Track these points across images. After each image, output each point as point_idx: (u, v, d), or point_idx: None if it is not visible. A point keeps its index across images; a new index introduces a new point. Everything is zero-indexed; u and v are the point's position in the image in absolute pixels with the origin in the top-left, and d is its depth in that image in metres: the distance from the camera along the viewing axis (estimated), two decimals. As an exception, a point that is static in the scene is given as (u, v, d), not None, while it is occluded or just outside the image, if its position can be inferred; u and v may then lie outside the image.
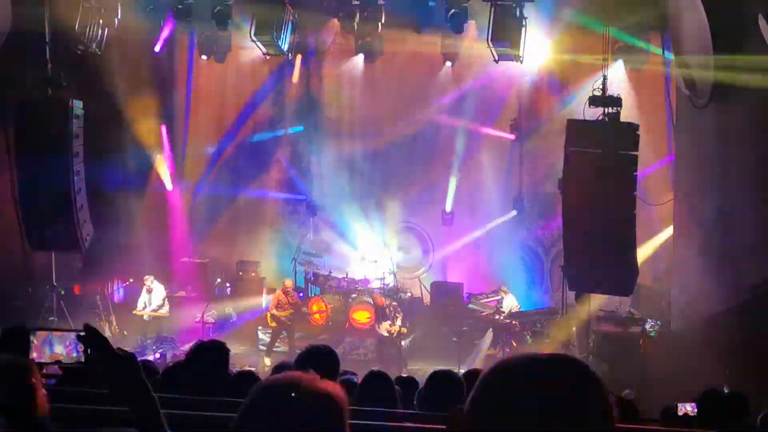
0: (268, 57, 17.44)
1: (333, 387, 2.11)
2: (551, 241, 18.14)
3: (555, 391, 1.65)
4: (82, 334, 2.56)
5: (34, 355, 2.78)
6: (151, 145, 18.73)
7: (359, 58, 18.40)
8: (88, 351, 2.55)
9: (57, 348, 2.74)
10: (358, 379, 6.03)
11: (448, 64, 18.13)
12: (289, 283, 16.91)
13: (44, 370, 2.87)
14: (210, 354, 5.23)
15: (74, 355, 2.68)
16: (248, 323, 17.70)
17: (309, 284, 18.60)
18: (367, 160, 19.43)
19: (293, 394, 2.04)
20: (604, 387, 1.73)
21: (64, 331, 2.74)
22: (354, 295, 17.47)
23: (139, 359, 2.57)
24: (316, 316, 17.29)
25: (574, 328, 15.51)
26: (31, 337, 2.77)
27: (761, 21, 10.16)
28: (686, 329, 13.71)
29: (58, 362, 2.76)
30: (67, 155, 14.49)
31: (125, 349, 2.58)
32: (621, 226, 12.96)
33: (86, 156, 14.98)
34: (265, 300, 17.69)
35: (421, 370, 14.30)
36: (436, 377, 5.55)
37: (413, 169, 19.20)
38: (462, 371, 7.79)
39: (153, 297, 16.55)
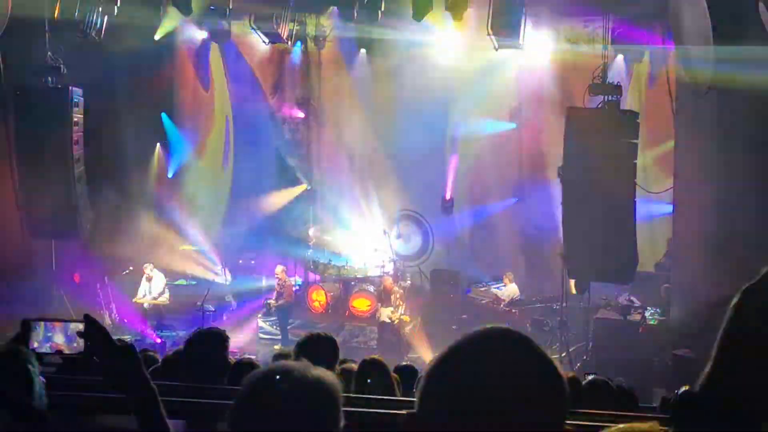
0: (267, 45, 17.42)
1: (326, 375, 2.12)
2: (551, 228, 18.13)
3: (503, 381, 1.61)
4: (82, 326, 2.57)
5: (34, 345, 2.78)
6: (152, 132, 18.73)
7: (358, 46, 18.35)
8: (89, 341, 2.56)
9: (57, 338, 2.75)
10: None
11: (448, 51, 18.09)
12: (278, 268, 16.96)
13: (44, 360, 2.87)
14: (208, 341, 5.24)
15: (74, 345, 2.69)
16: (248, 311, 17.75)
17: (309, 272, 18.62)
18: (367, 148, 19.43)
19: (286, 384, 2.05)
20: (552, 361, 1.69)
21: (64, 321, 2.74)
22: (353, 283, 17.50)
23: (138, 348, 2.59)
24: (316, 304, 17.33)
25: (574, 316, 15.55)
26: (32, 327, 2.77)
27: (762, 9, 10.12)
28: (686, 316, 13.72)
29: (58, 352, 2.76)
30: (66, 143, 14.49)
31: (125, 338, 2.59)
32: (621, 214, 12.97)
33: (86, 144, 14.98)
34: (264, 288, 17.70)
35: (420, 358, 14.35)
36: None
37: (413, 157, 19.19)
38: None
39: (153, 285, 16.58)
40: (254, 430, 2.03)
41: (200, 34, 17.97)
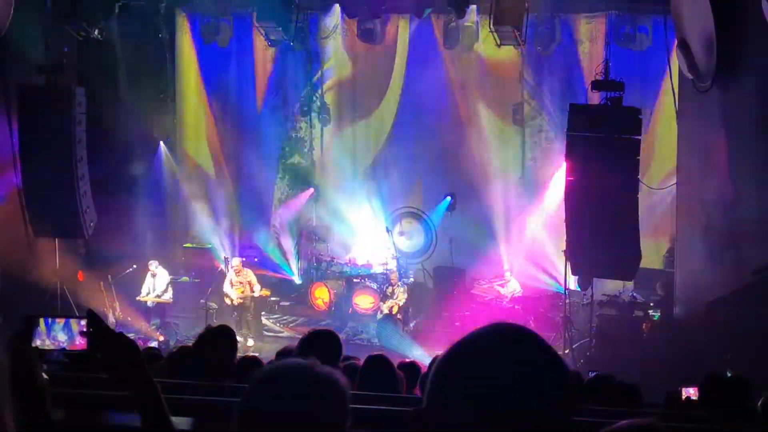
0: (270, 43, 17.43)
1: (334, 372, 2.12)
2: (555, 225, 18.10)
3: (513, 377, 1.61)
4: (85, 322, 2.57)
5: (37, 342, 2.78)
6: (154, 130, 18.73)
7: (361, 43, 18.33)
8: (92, 338, 2.56)
9: (60, 335, 2.75)
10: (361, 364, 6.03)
11: (450, 48, 18.08)
12: (236, 261, 16.93)
13: (47, 357, 2.87)
14: (219, 339, 5.26)
15: (77, 341, 2.69)
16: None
17: (312, 269, 18.63)
18: (370, 146, 19.43)
19: (295, 380, 2.05)
20: (561, 358, 1.70)
21: (67, 318, 2.74)
22: (357, 281, 17.50)
23: (142, 345, 2.59)
24: (319, 301, 17.32)
25: (577, 312, 15.55)
26: (34, 323, 2.78)
27: (764, 3, 10.12)
28: (689, 313, 13.72)
29: (61, 349, 2.76)
30: (69, 141, 14.52)
31: (128, 335, 2.59)
32: (623, 211, 12.96)
33: (89, 142, 15.01)
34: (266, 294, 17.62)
35: (424, 355, 14.34)
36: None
37: (415, 154, 19.17)
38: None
39: (157, 282, 16.58)
40: (262, 427, 2.04)
41: (203, 31, 17.92)
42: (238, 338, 15.47)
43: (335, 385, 2.09)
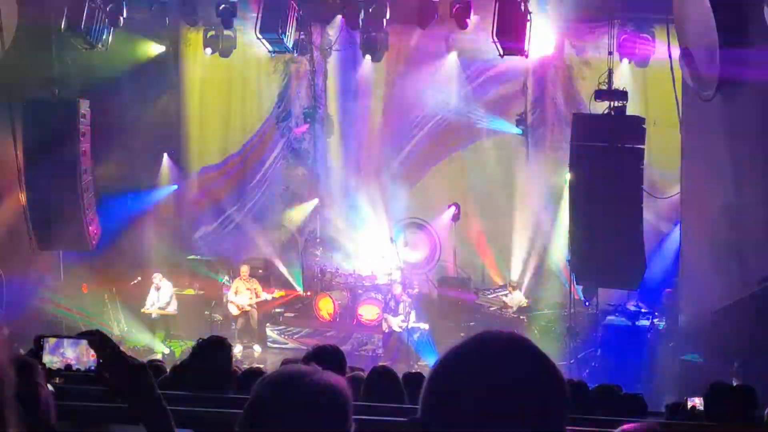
0: (273, 55, 17.44)
1: (336, 379, 2.12)
2: (559, 235, 18.07)
3: (503, 384, 1.61)
4: (92, 338, 2.57)
5: (45, 359, 2.78)
6: (158, 142, 18.76)
7: (364, 53, 18.37)
8: (100, 359, 2.56)
9: (68, 353, 2.74)
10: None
11: (453, 59, 18.11)
12: (244, 269, 17.02)
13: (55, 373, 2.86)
14: (212, 350, 5.26)
15: (85, 359, 2.68)
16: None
17: (316, 280, 18.61)
18: (373, 156, 19.44)
19: (296, 387, 2.05)
20: (554, 363, 1.69)
21: (76, 337, 2.73)
22: (361, 291, 17.49)
23: (147, 358, 2.59)
24: (323, 313, 17.30)
25: (582, 322, 15.52)
26: (44, 343, 2.77)
27: (766, 10, 10.12)
28: (694, 322, 13.69)
29: (68, 367, 2.75)
30: (74, 154, 14.56)
31: (132, 348, 2.60)
32: (628, 220, 12.94)
33: (93, 154, 15.05)
34: (271, 297, 17.62)
35: (429, 365, 14.32)
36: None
37: (419, 164, 19.17)
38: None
39: (161, 295, 16.60)
40: None
41: (206, 43, 17.93)
42: (243, 347, 15.84)
43: (336, 392, 2.08)
